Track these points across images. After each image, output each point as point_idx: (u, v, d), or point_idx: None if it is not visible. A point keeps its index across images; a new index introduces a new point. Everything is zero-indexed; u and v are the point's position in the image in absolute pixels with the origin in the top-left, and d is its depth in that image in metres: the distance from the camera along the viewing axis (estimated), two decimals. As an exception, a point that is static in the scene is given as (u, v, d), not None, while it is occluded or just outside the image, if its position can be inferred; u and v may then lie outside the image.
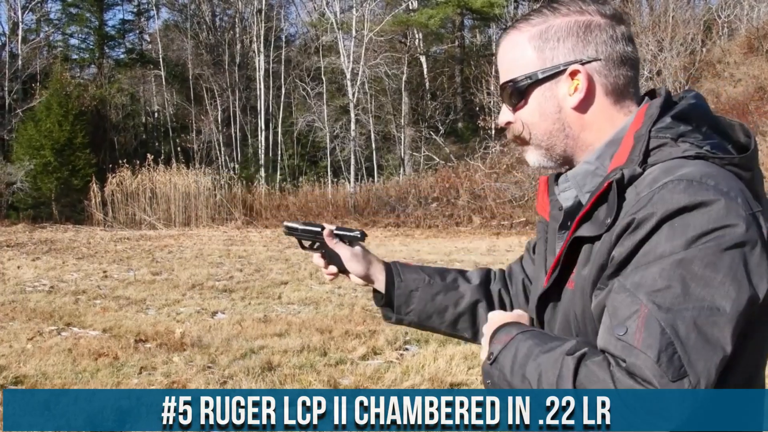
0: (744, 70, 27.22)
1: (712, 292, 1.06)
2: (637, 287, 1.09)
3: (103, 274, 11.96)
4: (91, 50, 37.72)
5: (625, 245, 1.13)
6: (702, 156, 1.18)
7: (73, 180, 27.08)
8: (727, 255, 1.08)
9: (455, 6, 31.71)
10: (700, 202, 1.10)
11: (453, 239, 19.27)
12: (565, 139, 1.32)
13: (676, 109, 1.25)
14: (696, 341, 1.04)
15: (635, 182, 1.18)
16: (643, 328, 1.06)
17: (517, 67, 1.33)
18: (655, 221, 1.11)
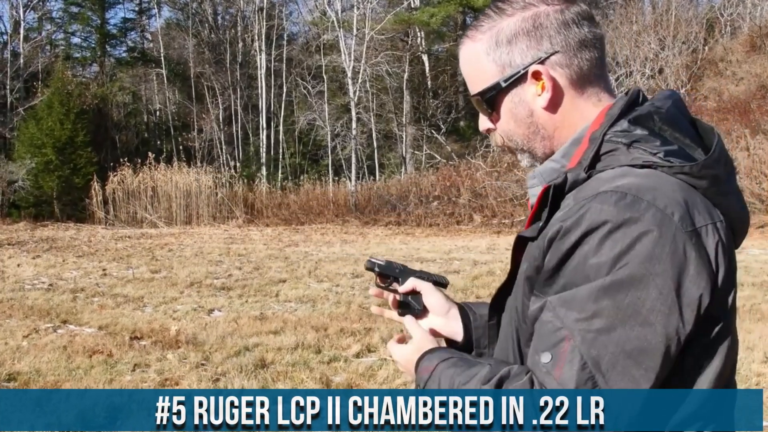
0: (746, 68, 27.14)
1: (638, 323, 1.03)
2: (566, 313, 1.07)
3: (102, 272, 11.97)
4: (92, 49, 37.77)
5: (554, 254, 1.10)
6: (649, 164, 1.12)
7: (74, 178, 27.11)
8: (655, 281, 1.03)
9: (457, 4, 31.68)
10: (628, 218, 1.04)
11: (453, 238, 19.25)
12: (542, 141, 1.28)
13: (636, 113, 1.18)
14: (618, 378, 1.03)
15: (578, 187, 1.14)
16: (565, 360, 1.05)
17: (479, 80, 1.29)
18: (580, 233, 1.07)
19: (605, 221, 1.06)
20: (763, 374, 5.51)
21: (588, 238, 1.06)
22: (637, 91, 1.24)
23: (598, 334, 1.04)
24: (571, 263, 1.08)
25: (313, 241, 18.77)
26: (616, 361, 1.03)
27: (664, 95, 1.24)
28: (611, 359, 1.03)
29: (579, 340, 1.04)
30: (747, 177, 19.15)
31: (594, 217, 1.06)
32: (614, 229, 1.05)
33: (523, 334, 1.20)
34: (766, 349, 6.19)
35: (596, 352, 1.03)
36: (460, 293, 9.38)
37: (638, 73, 25.74)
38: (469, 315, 1.54)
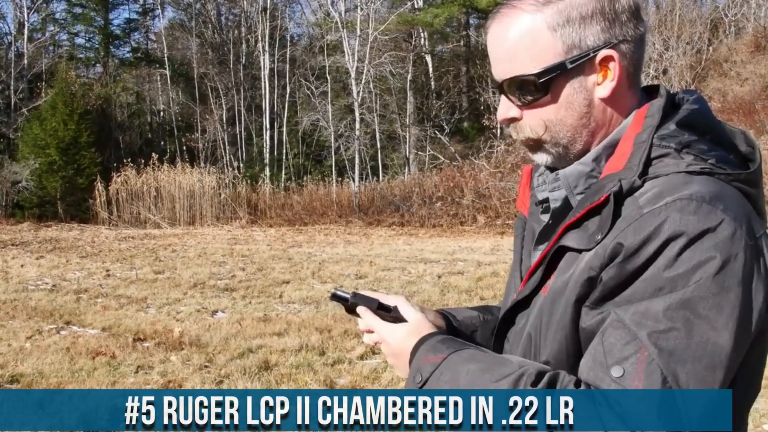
0: (751, 68, 27.08)
1: (715, 335, 0.99)
2: (638, 325, 1.01)
3: (105, 273, 11.96)
4: (96, 49, 37.81)
5: (623, 266, 1.04)
6: (707, 171, 1.08)
7: (78, 179, 27.12)
8: (731, 294, 1.00)
9: (460, 5, 31.64)
10: (706, 229, 1.01)
11: (457, 238, 19.22)
12: (587, 136, 1.17)
13: (681, 115, 1.13)
14: (695, 391, 0.99)
15: (634, 195, 1.08)
16: (643, 374, 0.99)
17: (534, 58, 1.14)
18: (659, 244, 1.02)
19: (683, 232, 1.01)
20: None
21: (666, 250, 1.01)
22: (671, 93, 1.20)
23: (675, 348, 0.99)
24: (644, 275, 1.03)
25: (317, 241, 18.75)
26: (695, 373, 0.99)
27: (692, 97, 1.19)
28: (690, 372, 0.99)
29: (656, 353, 0.99)
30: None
31: (674, 227, 1.02)
32: (693, 240, 1.01)
33: (543, 347, 1.14)
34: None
35: (674, 366, 0.99)
36: (464, 294, 9.34)
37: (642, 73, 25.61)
38: (453, 325, 1.45)
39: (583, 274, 1.08)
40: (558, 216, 1.22)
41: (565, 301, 1.11)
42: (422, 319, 1.27)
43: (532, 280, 1.21)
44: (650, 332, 1.00)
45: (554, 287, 1.14)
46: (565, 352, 1.12)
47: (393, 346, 1.26)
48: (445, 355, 1.15)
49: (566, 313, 1.11)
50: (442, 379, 1.13)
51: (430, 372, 1.15)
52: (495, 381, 1.08)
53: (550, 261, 1.16)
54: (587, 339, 1.08)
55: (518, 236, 1.38)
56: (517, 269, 1.34)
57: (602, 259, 1.06)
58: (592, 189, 1.14)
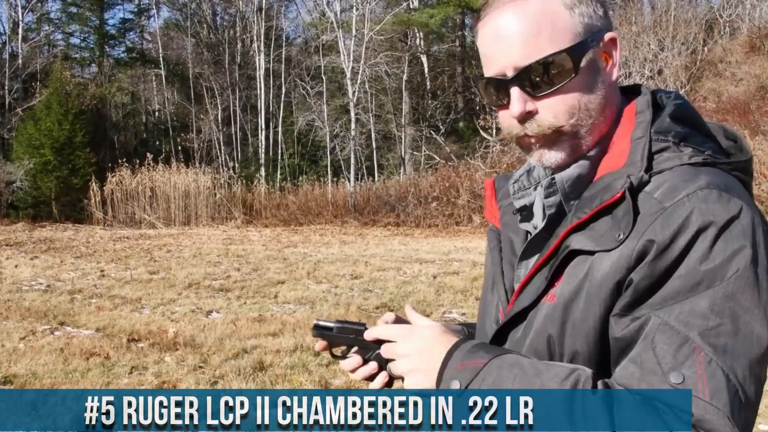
0: (746, 69, 27.14)
1: (758, 326, 0.98)
2: (687, 326, 0.97)
3: (100, 273, 11.92)
4: (91, 49, 37.73)
5: (656, 267, 1.00)
6: (710, 162, 1.07)
7: (72, 179, 27.05)
8: (764, 282, 0.99)
9: (456, 5, 31.64)
10: (732, 217, 0.99)
11: (452, 239, 19.21)
12: (602, 124, 1.14)
13: (672, 109, 1.13)
14: (750, 387, 0.97)
15: (644, 190, 1.05)
16: (705, 376, 0.95)
17: (557, 38, 1.09)
18: (689, 237, 0.99)
19: (711, 221, 0.99)
20: (765, 377, 5.47)
21: (698, 241, 0.99)
22: (650, 89, 1.18)
23: (728, 343, 0.97)
24: (679, 270, 1.00)
25: (312, 242, 18.72)
26: (749, 367, 0.97)
27: (671, 93, 1.18)
28: (746, 366, 0.97)
29: (711, 352, 0.96)
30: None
31: (702, 217, 1.00)
32: (723, 229, 0.99)
33: (587, 358, 1.08)
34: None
35: (732, 362, 0.96)
36: (459, 294, 9.34)
37: (637, 74, 25.72)
38: None
39: (608, 278, 1.04)
40: (552, 222, 1.18)
41: (584, 306, 1.07)
42: (437, 325, 1.21)
43: (528, 291, 1.15)
44: (701, 331, 0.97)
45: (564, 293, 1.09)
46: (584, 361, 1.07)
47: (422, 343, 1.16)
48: (486, 360, 1.08)
49: (587, 320, 1.06)
50: (484, 385, 1.06)
51: (470, 379, 1.07)
52: (548, 385, 1.02)
53: (558, 267, 1.11)
54: (622, 348, 1.04)
55: (494, 248, 1.33)
56: (499, 282, 1.27)
57: (630, 261, 1.03)
58: (591, 189, 1.12)
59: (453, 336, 1.18)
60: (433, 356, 1.14)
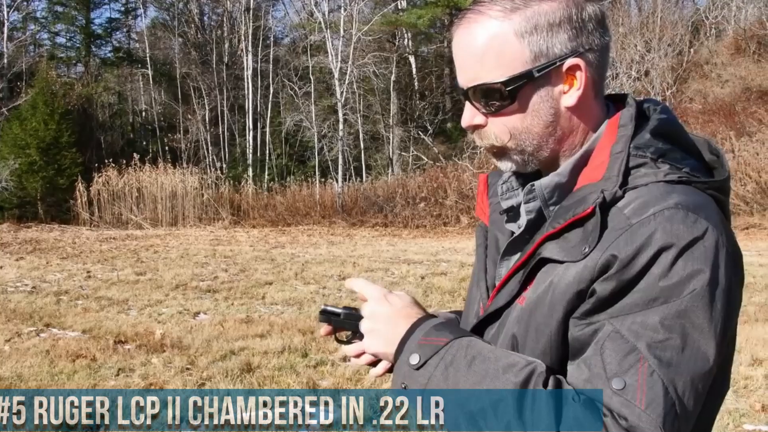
0: (731, 71, 27.33)
1: (705, 344, 1.01)
2: (637, 336, 1.00)
3: (86, 275, 11.86)
4: (77, 49, 37.49)
5: (617, 281, 1.03)
6: (685, 180, 1.09)
7: (58, 179, 26.88)
8: (719, 303, 1.02)
9: (444, 6, 31.67)
10: (695, 238, 1.01)
11: (440, 239, 19.24)
12: (554, 144, 1.16)
13: (653, 125, 1.14)
14: (689, 401, 1.00)
15: (616, 205, 1.08)
16: (645, 385, 0.99)
17: (501, 65, 1.12)
18: (651, 253, 1.01)
19: (674, 243, 1.01)
20: (750, 377, 5.51)
21: (659, 260, 1.01)
22: (639, 101, 1.19)
23: (673, 358, 1.00)
24: (639, 285, 1.02)
25: (300, 242, 18.70)
26: (691, 382, 1.00)
27: (658, 106, 1.19)
28: (687, 382, 1.00)
29: (656, 364, 0.99)
30: (732, 179, 19.17)
31: (665, 237, 1.02)
32: (684, 250, 1.01)
33: (546, 359, 1.10)
34: (753, 351, 6.20)
35: (673, 376, 0.99)
36: (447, 295, 9.35)
37: (624, 75, 25.83)
38: None
39: (571, 287, 1.07)
40: (532, 227, 1.20)
41: (547, 312, 1.10)
42: (409, 300, 1.24)
43: (504, 292, 1.18)
44: (649, 343, 1.00)
45: (532, 298, 1.12)
46: (548, 361, 1.10)
47: (392, 309, 1.19)
48: (448, 339, 1.11)
49: (549, 325, 1.09)
50: (442, 363, 1.09)
51: (430, 355, 1.11)
52: (501, 372, 1.05)
53: (529, 272, 1.14)
54: (577, 349, 1.07)
55: (481, 245, 1.35)
56: (482, 279, 1.31)
57: (593, 272, 1.05)
58: (569, 200, 1.13)
59: (421, 310, 1.22)
60: (398, 324, 1.18)
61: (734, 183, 19.21)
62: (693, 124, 22.28)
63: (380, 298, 1.22)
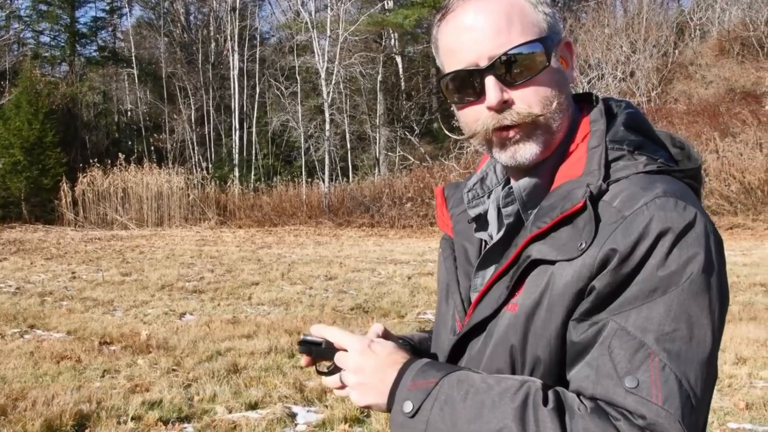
0: (715, 72, 27.53)
1: (709, 331, 1.00)
2: (643, 331, 0.99)
3: (71, 275, 11.77)
4: (62, 48, 37.23)
5: (618, 274, 1.01)
6: (664, 170, 1.09)
7: (42, 179, 26.69)
8: (714, 288, 1.02)
9: (431, 6, 31.70)
10: (687, 224, 1.01)
11: (427, 239, 19.25)
12: (564, 123, 1.15)
13: (625, 118, 1.14)
14: (701, 389, 0.99)
15: (603, 199, 1.07)
16: (659, 381, 0.97)
17: (527, 30, 1.11)
18: (649, 244, 1.01)
19: (669, 228, 1.01)
20: (735, 376, 5.55)
21: (657, 248, 1.01)
22: (601, 98, 1.20)
23: (681, 348, 0.99)
24: (638, 277, 1.01)
25: (286, 242, 18.65)
26: (701, 370, 0.99)
27: (623, 102, 1.19)
28: (697, 370, 0.99)
29: (666, 357, 0.98)
30: (716, 179, 19.39)
31: (661, 224, 1.01)
32: (680, 236, 1.01)
33: (547, 365, 1.09)
34: (737, 350, 6.24)
35: (684, 367, 0.98)
36: (434, 296, 9.35)
37: (610, 75, 25.96)
38: (411, 343, 1.37)
39: (569, 287, 1.05)
40: (510, 232, 1.17)
41: (545, 315, 1.07)
42: (391, 345, 1.19)
43: (487, 302, 1.15)
44: (657, 337, 0.99)
45: (527, 303, 1.09)
46: (546, 368, 1.08)
47: (378, 360, 1.15)
48: (437, 379, 1.08)
49: (549, 328, 1.07)
50: (436, 404, 1.06)
51: (422, 399, 1.07)
52: (499, 401, 1.02)
53: (518, 277, 1.11)
54: (579, 352, 1.04)
55: (449, 257, 1.31)
56: (455, 292, 1.26)
57: (592, 269, 1.03)
58: (550, 199, 1.12)
59: (405, 354, 1.17)
60: (385, 375, 1.13)
61: (718, 183, 19.34)
62: (678, 124, 22.41)
63: (363, 350, 1.17)
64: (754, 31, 28.03)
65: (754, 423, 4.60)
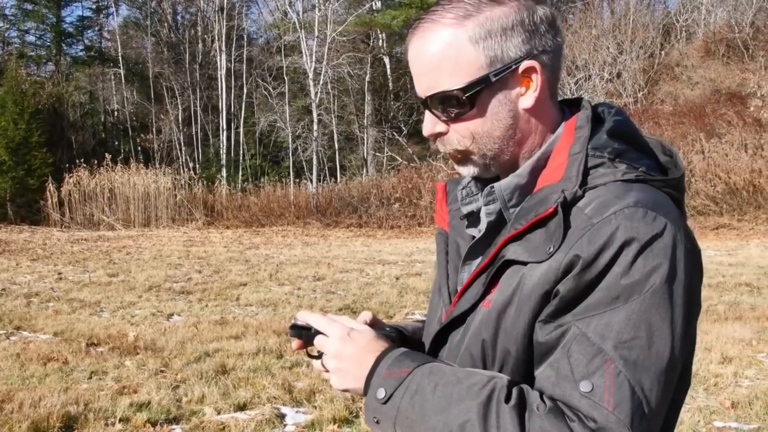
0: (701, 73, 27.72)
1: (670, 340, 1.02)
2: (602, 338, 1.01)
3: (57, 276, 11.70)
4: (47, 47, 37.00)
5: (581, 280, 1.04)
6: (642, 179, 1.11)
7: (28, 180, 26.52)
8: (679, 298, 1.03)
9: (418, 7, 31.73)
10: (654, 235, 1.03)
11: (415, 240, 19.28)
12: (514, 147, 1.17)
13: (610, 125, 1.16)
14: (656, 398, 1.01)
15: (577, 205, 1.09)
16: (613, 387, 0.99)
17: (458, 72, 1.13)
18: (613, 252, 1.03)
19: (634, 238, 1.03)
20: (720, 375, 5.59)
21: (621, 257, 1.03)
22: (593, 104, 1.22)
23: (639, 357, 1.01)
24: (601, 284, 1.04)
25: (274, 243, 18.62)
26: (657, 379, 1.01)
27: (612, 108, 1.21)
28: (653, 379, 1.01)
29: (622, 364, 1.00)
30: (702, 179, 19.53)
31: (626, 234, 1.03)
32: (644, 247, 1.03)
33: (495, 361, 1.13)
34: (722, 349, 6.29)
35: (640, 375, 1.00)
36: (422, 296, 9.37)
37: (597, 76, 26.08)
38: (404, 332, 1.41)
39: (537, 288, 1.08)
40: (492, 230, 1.21)
41: (514, 314, 1.10)
42: (370, 331, 1.23)
43: (468, 296, 1.19)
44: (615, 344, 1.01)
45: (498, 300, 1.13)
46: (515, 365, 1.12)
47: (356, 347, 1.19)
48: (410, 369, 1.12)
49: (517, 326, 1.10)
50: (407, 393, 1.10)
51: (395, 387, 1.12)
52: (465, 395, 1.06)
53: (493, 275, 1.15)
54: (544, 352, 1.07)
55: (442, 251, 1.36)
56: (444, 285, 1.31)
57: (557, 273, 1.06)
58: (529, 201, 1.14)
59: (384, 342, 1.21)
60: (362, 361, 1.18)
61: (704, 184, 19.47)
62: (664, 125, 22.56)
63: (344, 337, 1.21)
64: (739, 33, 28.25)
65: (739, 421, 4.64)
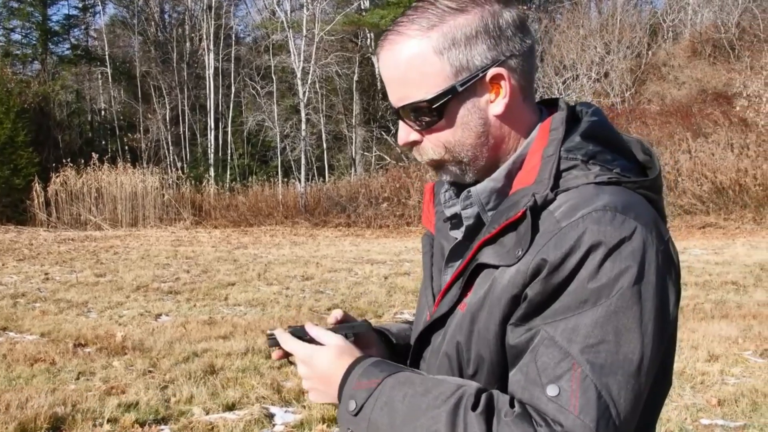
0: (688, 73, 27.89)
1: (640, 343, 1.02)
2: (569, 342, 1.01)
3: (44, 277, 11.64)
4: (33, 46, 36.72)
5: (548, 284, 1.04)
6: (615, 181, 1.11)
7: (14, 179, 26.31)
8: (649, 301, 1.03)
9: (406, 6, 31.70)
10: (623, 238, 1.03)
11: (403, 239, 19.29)
12: (488, 152, 1.18)
13: (584, 127, 1.15)
14: (625, 401, 1.01)
15: (548, 208, 1.09)
16: (579, 391, 0.99)
17: (425, 84, 1.14)
18: (580, 256, 1.03)
19: (602, 242, 1.03)
20: (707, 373, 5.63)
21: (587, 261, 1.03)
22: (570, 105, 1.21)
23: (606, 361, 1.01)
24: (569, 288, 1.03)
25: (263, 243, 18.59)
26: (625, 382, 1.01)
27: (590, 109, 1.21)
28: (621, 382, 1.01)
29: (588, 368, 1.00)
30: (689, 179, 19.65)
31: (593, 238, 1.03)
32: (612, 250, 1.03)
33: (469, 364, 1.14)
34: (709, 347, 6.33)
35: (606, 379, 1.00)
36: (410, 295, 9.38)
37: (584, 76, 26.18)
38: (391, 340, 1.42)
39: (506, 291, 1.09)
40: (471, 233, 1.21)
41: (486, 317, 1.11)
42: (344, 342, 1.23)
43: (447, 298, 1.20)
44: (582, 348, 1.01)
45: (472, 303, 1.14)
46: (489, 367, 1.12)
47: (319, 369, 1.20)
48: (379, 380, 1.12)
49: (489, 329, 1.11)
50: (377, 404, 1.10)
51: (365, 398, 1.12)
52: (433, 404, 1.06)
53: (468, 278, 1.16)
54: (515, 355, 1.08)
55: (427, 253, 1.37)
56: (428, 287, 1.33)
57: (525, 277, 1.06)
58: (504, 204, 1.15)
59: (352, 353, 1.21)
60: (330, 380, 1.19)
61: (691, 183, 19.58)
62: (651, 125, 22.68)
63: (305, 358, 1.22)
64: (725, 33, 28.43)
65: (726, 419, 4.68)
